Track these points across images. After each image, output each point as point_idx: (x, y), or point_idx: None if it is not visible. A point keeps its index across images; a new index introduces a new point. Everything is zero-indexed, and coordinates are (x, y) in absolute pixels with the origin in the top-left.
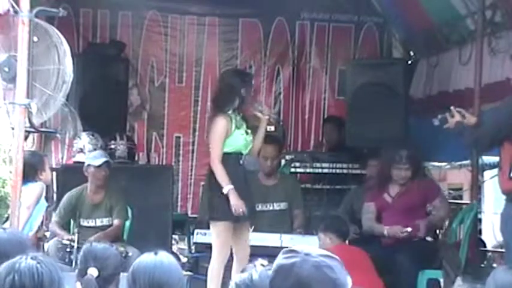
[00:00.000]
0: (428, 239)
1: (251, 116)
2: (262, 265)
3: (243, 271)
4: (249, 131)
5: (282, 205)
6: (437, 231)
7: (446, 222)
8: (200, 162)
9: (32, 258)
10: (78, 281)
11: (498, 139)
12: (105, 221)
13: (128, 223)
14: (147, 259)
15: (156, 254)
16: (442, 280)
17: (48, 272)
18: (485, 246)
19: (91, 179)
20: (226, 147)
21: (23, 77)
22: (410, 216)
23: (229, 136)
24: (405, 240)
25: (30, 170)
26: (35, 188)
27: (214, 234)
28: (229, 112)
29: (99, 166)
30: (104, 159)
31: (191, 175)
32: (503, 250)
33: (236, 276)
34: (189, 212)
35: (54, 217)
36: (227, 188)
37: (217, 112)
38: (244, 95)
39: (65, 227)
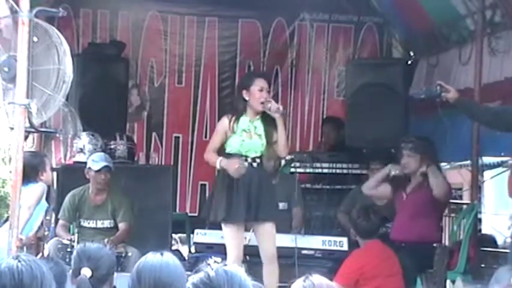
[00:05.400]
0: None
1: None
2: (216, 262)
3: (197, 271)
4: (261, 134)
5: (282, 205)
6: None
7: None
8: (199, 162)
9: (13, 257)
10: (72, 281)
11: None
12: (106, 223)
13: None
14: (153, 259)
15: (162, 254)
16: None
17: (28, 269)
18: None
19: (92, 182)
20: (227, 147)
21: (23, 77)
22: (419, 214)
23: (230, 137)
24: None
25: (32, 171)
26: (36, 189)
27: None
28: (238, 114)
29: (99, 170)
30: (104, 163)
31: (190, 175)
32: (503, 250)
33: (191, 278)
34: (188, 212)
35: (60, 220)
36: (218, 162)
37: (228, 112)
38: (247, 98)
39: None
